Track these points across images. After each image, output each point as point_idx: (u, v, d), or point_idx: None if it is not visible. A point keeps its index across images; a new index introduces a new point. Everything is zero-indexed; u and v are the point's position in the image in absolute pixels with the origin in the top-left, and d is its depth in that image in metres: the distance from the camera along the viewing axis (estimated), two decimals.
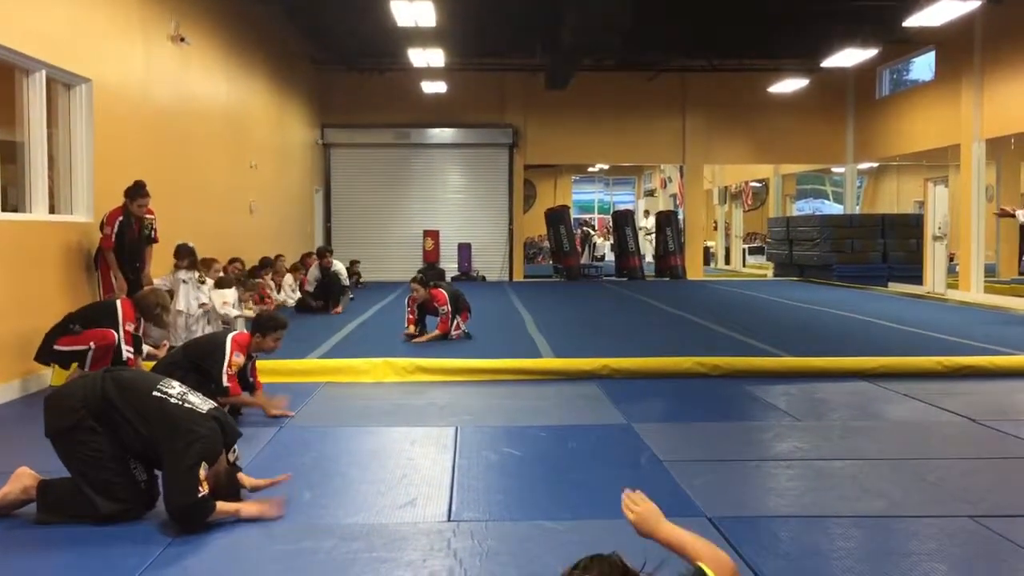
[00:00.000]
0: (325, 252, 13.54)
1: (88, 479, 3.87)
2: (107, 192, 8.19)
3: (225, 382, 5.71)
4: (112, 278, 8.03)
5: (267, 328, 6.05)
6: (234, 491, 4.04)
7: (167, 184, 9.53)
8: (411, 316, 9.75)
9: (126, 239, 8.07)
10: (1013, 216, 11.79)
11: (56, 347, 6.72)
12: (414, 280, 9.97)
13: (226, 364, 5.76)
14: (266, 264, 12.94)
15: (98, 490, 3.85)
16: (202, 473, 3.77)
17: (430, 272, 9.96)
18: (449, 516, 4.02)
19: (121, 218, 8.01)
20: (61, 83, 7.98)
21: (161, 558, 3.51)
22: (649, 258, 24.60)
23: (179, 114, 10.72)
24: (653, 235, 24.90)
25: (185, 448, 3.79)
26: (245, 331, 6.31)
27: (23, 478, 4.00)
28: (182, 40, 10.53)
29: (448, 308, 9.66)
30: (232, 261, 11.52)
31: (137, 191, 8.12)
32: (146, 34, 9.62)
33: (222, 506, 3.86)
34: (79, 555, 3.58)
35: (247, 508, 3.96)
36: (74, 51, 7.92)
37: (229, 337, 5.95)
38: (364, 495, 4.35)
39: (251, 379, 6.17)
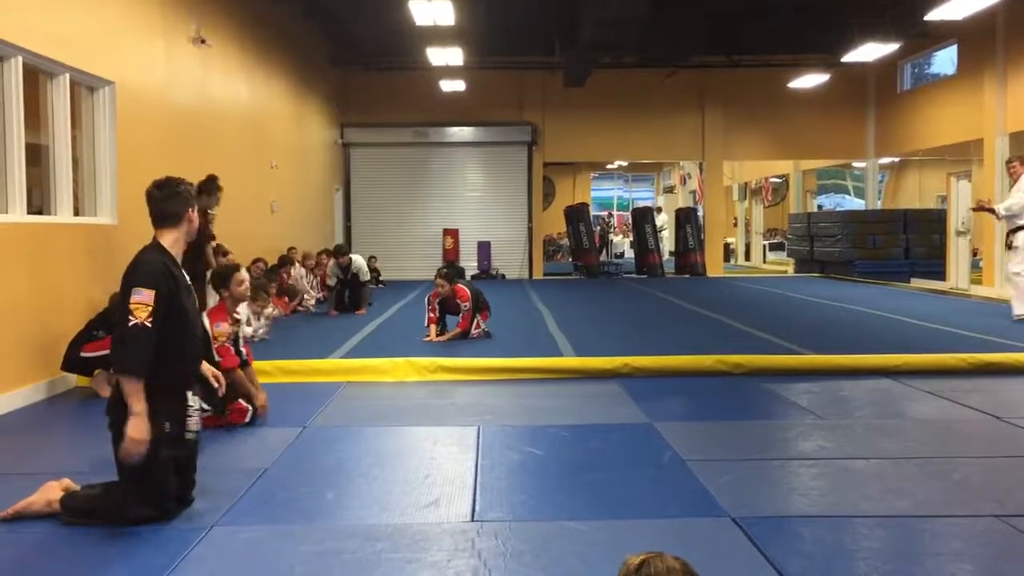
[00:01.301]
0: (338, 252, 13.02)
1: (137, 474, 3.88)
2: (130, 194, 8.25)
3: (216, 356, 5.70)
4: None
5: (225, 280, 6.07)
6: None
7: None
8: (432, 315, 9.74)
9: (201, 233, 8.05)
10: (992, 211, 11.44)
11: (83, 354, 6.78)
12: (439, 275, 9.87)
13: (211, 339, 5.75)
14: (285, 262, 13.03)
15: (139, 490, 3.87)
16: (137, 297, 3.79)
17: (452, 270, 10.03)
18: (473, 516, 4.04)
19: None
20: (84, 86, 8.06)
21: (186, 560, 3.54)
22: (666, 255, 24.51)
23: (200, 115, 10.79)
24: (664, 232, 24.75)
25: (125, 287, 3.90)
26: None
27: (50, 491, 4.02)
28: (203, 42, 10.60)
29: (470, 304, 9.67)
30: (255, 261, 11.60)
31: (213, 185, 8.06)
32: (167, 37, 9.69)
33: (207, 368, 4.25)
34: (104, 556, 3.62)
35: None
36: (97, 54, 7.99)
37: (204, 315, 5.88)
38: (387, 495, 4.37)
39: (242, 349, 6.13)
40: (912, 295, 15.55)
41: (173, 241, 4.10)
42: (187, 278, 4.14)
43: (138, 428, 3.79)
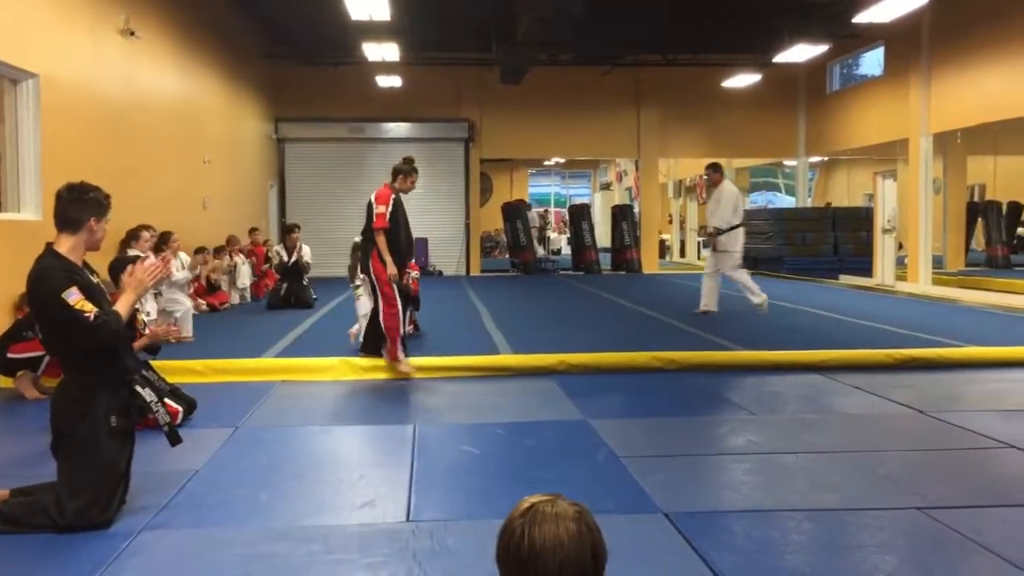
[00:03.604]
0: (290, 229, 13.51)
1: (80, 462, 3.82)
2: (56, 189, 8.03)
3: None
4: (379, 260, 7.43)
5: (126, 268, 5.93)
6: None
7: (118, 180, 9.36)
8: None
9: (400, 221, 7.66)
10: (716, 232, 11.87)
11: (9, 355, 6.59)
12: None
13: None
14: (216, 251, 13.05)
15: (85, 491, 3.80)
16: (73, 299, 3.76)
17: None
18: (408, 516, 4.02)
19: (394, 197, 7.61)
20: (7, 78, 7.82)
21: (116, 563, 3.47)
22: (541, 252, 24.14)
23: (129, 109, 10.56)
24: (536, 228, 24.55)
25: (50, 301, 3.80)
26: None
27: None
28: (132, 34, 10.37)
29: (419, 274, 9.99)
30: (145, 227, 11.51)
31: (410, 167, 7.76)
32: (95, 28, 9.46)
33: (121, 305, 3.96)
34: (32, 561, 3.53)
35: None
36: (20, 46, 7.76)
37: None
38: (321, 496, 4.34)
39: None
40: (840, 291, 15.91)
41: (70, 248, 3.96)
42: (92, 278, 4.04)
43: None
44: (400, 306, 7.48)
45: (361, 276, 8.32)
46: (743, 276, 11.81)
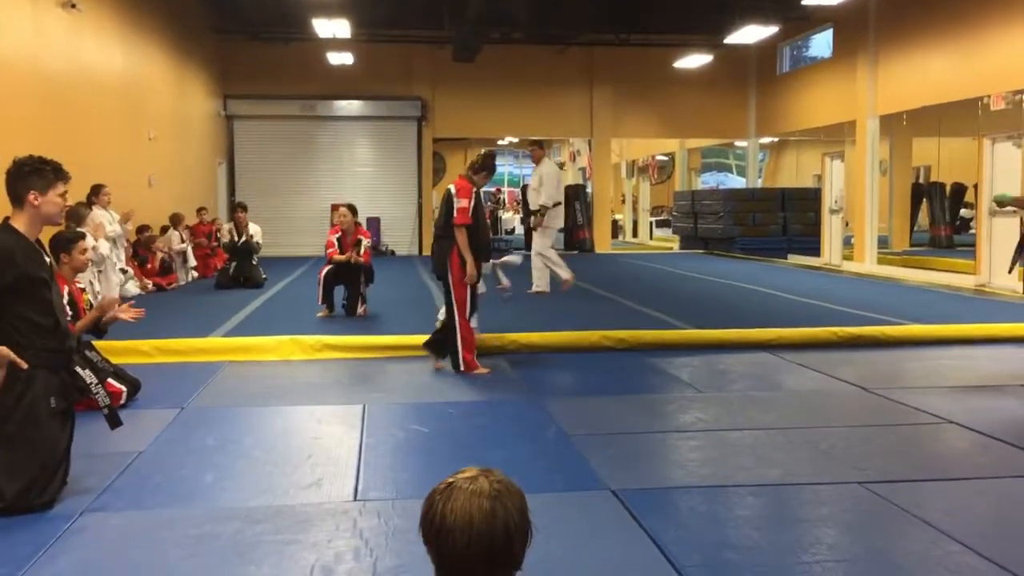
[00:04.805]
0: (239, 207, 13.23)
1: (18, 445, 3.75)
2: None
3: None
4: (460, 260, 6.68)
5: (67, 246, 5.68)
6: None
7: (59, 157, 9.15)
8: (333, 251, 9.61)
9: (480, 219, 6.91)
10: (540, 212, 11.99)
11: None
12: (344, 205, 9.91)
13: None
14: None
15: (15, 462, 3.72)
16: None
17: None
18: (355, 496, 4.01)
19: (476, 191, 6.87)
20: None
21: (56, 546, 3.41)
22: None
23: (71, 84, 10.31)
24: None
25: None
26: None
27: None
28: (73, 6, 10.10)
29: (371, 241, 9.87)
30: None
31: (493, 164, 7.07)
32: (35, 0, 9.20)
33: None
34: None
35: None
36: None
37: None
38: (269, 476, 4.30)
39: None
40: (789, 270, 16.14)
41: (24, 224, 3.88)
42: (47, 259, 3.96)
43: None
44: (469, 311, 6.85)
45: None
46: (551, 253, 11.60)
